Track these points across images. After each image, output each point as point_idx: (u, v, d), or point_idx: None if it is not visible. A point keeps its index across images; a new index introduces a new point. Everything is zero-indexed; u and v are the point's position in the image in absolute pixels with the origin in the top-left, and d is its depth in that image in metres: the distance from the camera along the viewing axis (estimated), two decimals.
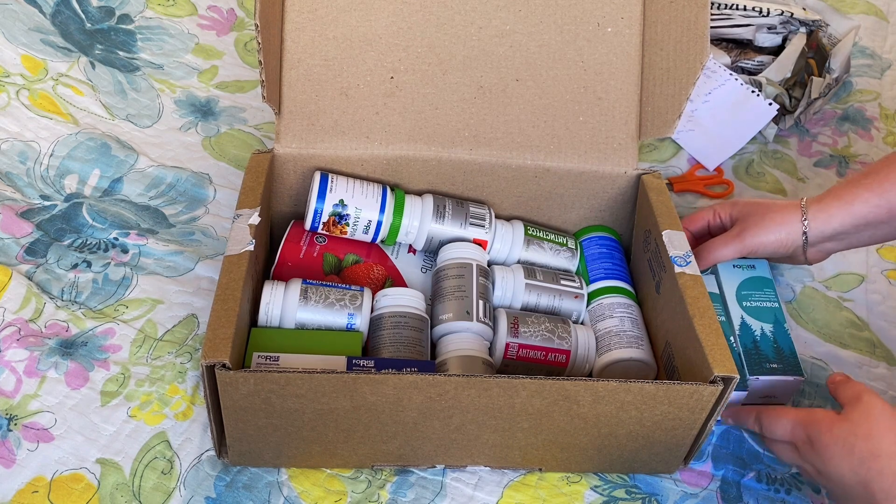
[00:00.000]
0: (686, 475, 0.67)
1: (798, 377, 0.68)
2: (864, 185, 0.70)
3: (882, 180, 0.69)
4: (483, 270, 0.70)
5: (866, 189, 0.69)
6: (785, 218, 0.71)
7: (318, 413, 0.58)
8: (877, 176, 0.69)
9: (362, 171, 0.74)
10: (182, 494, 0.61)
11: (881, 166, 0.70)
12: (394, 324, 0.65)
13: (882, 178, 0.69)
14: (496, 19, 0.72)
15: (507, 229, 0.75)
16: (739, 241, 0.72)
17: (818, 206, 0.71)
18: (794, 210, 0.72)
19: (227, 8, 1.05)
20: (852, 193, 0.70)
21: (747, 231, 0.72)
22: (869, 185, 0.69)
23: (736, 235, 0.72)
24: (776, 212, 0.72)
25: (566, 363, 0.68)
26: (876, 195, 0.69)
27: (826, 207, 0.71)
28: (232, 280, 0.59)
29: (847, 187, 0.71)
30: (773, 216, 0.72)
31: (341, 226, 0.71)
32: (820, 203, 0.71)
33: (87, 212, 0.80)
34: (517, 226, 0.75)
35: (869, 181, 0.70)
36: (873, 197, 0.69)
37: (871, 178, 0.70)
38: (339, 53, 0.71)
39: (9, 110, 0.86)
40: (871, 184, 0.69)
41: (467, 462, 0.64)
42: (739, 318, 0.73)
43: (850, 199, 0.70)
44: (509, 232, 0.74)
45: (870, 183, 0.69)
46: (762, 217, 0.72)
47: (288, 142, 0.72)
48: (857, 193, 0.70)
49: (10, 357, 0.67)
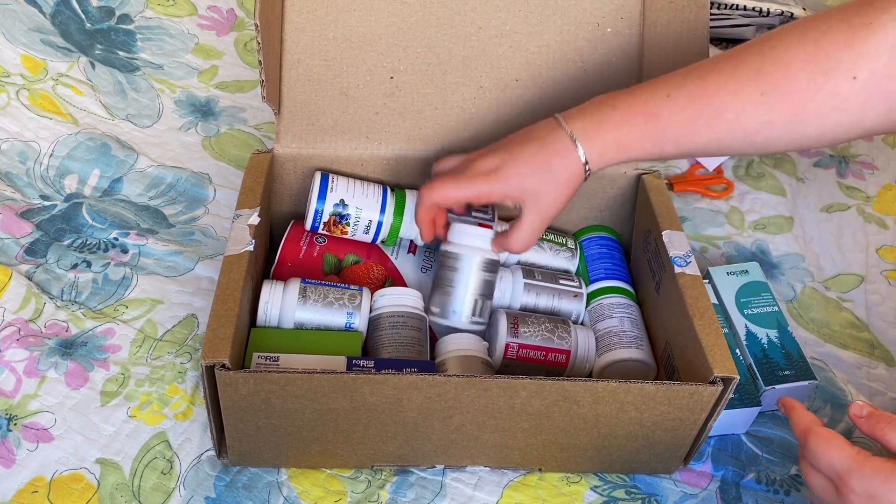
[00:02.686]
0: (686, 476, 0.67)
1: (812, 381, 0.68)
2: (645, 130, 0.59)
3: (662, 128, 0.59)
4: (488, 264, 0.67)
5: (647, 136, 0.59)
6: (571, 182, 0.61)
7: (318, 413, 0.58)
8: (658, 121, 0.59)
9: (362, 171, 0.74)
10: (182, 494, 0.61)
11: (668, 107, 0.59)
12: (392, 324, 0.65)
13: (663, 125, 0.59)
14: (496, 19, 0.72)
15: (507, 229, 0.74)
16: (542, 223, 0.64)
17: (597, 152, 0.60)
18: (575, 168, 0.61)
19: (227, 8, 1.05)
20: (631, 141, 0.60)
21: (546, 209, 0.63)
22: (651, 132, 0.59)
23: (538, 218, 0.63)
24: (560, 181, 0.61)
25: (566, 363, 0.68)
26: (654, 143, 0.60)
27: (604, 154, 0.60)
28: (232, 280, 0.59)
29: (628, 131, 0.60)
30: (560, 184, 0.61)
31: (342, 226, 0.71)
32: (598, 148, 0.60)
33: (87, 212, 0.80)
34: None
35: (650, 125, 0.59)
36: (651, 145, 0.60)
37: (652, 122, 0.59)
38: (339, 53, 0.71)
39: (9, 110, 0.86)
40: (653, 132, 0.59)
41: (467, 462, 0.64)
42: (744, 328, 0.72)
43: (628, 146, 0.60)
44: None
45: (651, 130, 0.59)
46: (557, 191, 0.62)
47: (288, 142, 0.72)
48: (638, 141, 0.60)
49: (10, 357, 0.67)
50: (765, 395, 0.68)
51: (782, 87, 0.56)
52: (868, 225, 0.90)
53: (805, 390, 0.69)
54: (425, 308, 0.68)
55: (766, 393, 0.68)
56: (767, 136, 0.58)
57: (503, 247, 0.66)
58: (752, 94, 0.57)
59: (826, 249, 0.88)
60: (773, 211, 0.91)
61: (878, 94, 0.54)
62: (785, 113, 0.56)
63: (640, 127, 0.60)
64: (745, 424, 0.69)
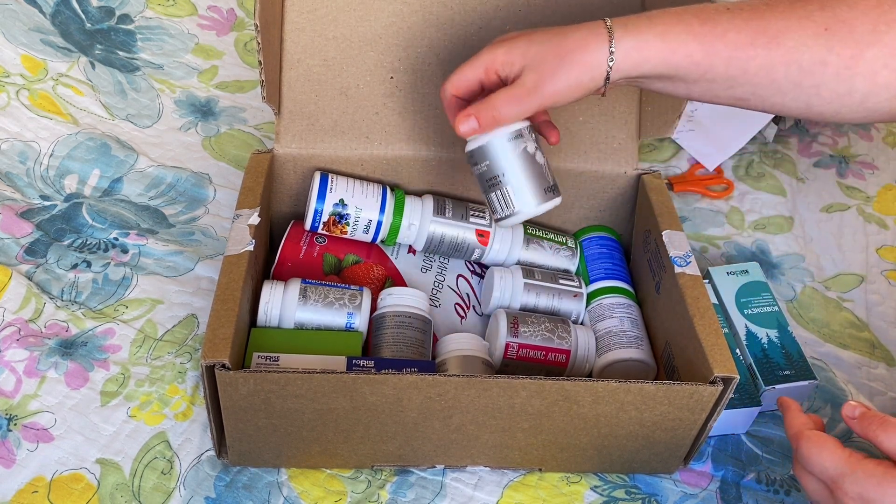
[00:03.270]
0: (686, 475, 0.67)
1: (812, 381, 0.68)
2: (697, 33, 0.55)
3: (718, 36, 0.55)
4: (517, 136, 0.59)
5: (697, 39, 0.55)
6: (589, 60, 0.55)
7: (318, 413, 0.58)
8: (715, 27, 0.55)
9: (362, 171, 0.74)
10: (182, 494, 0.61)
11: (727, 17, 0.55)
12: (397, 323, 0.65)
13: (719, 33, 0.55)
14: (496, 19, 0.72)
15: (507, 229, 0.75)
16: (536, 97, 0.56)
17: (633, 43, 0.55)
18: (598, 46, 0.55)
19: (227, 8, 1.05)
20: (680, 39, 0.55)
21: (543, 83, 0.56)
22: (704, 36, 0.55)
23: (531, 91, 0.56)
24: (577, 52, 0.55)
25: (566, 363, 0.68)
26: (705, 52, 0.55)
27: (642, 48, 0.55)
28: (232, 280, 0.59)
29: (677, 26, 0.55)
30: (575, 58, 0.55)
31: (341, 225, 0.71)
32: (637, 38, 0.55)
33: (87, 212, 0.80)
34: (517, 226, 0.75)
35: (706, 30, 0.55)
36: (700, 53, 0.55)
37: (708, 27, 0.55)
38: (339, 53, 0.71)
39: (9, 110, 0.86)
40: (707, 36, 0.55)
41: (467, 462, 0.64)
42: (744, 328, 0.72)
43: (675, 46, 0.55)
44: (509, 232, 0.74)
45: (706, 34, 0.55)
46: (560, 63, 0.56)
47: (288, 142, 0.72)
48: (685, 42, 0.55)
49: (10, 357, 0.67)
50: (765, 395, 0.68)
51: (846, 27, 0.54)
52: (868, 225, 0.90)
53: (805, 390, 0.69)
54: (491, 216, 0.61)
55: (766, 393, 0.68)
56: (820, 79, 0.55)
57: (478, 111, 0.57)
58: (816, 26, 0.54)
59: (826, 249, 0.88)
60: (773, 211, 0.91)
61: None
62: (844, 55, 0.54)
63: (694, 28, 0.54)
64: (745, 424, 0.69)
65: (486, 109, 0.57)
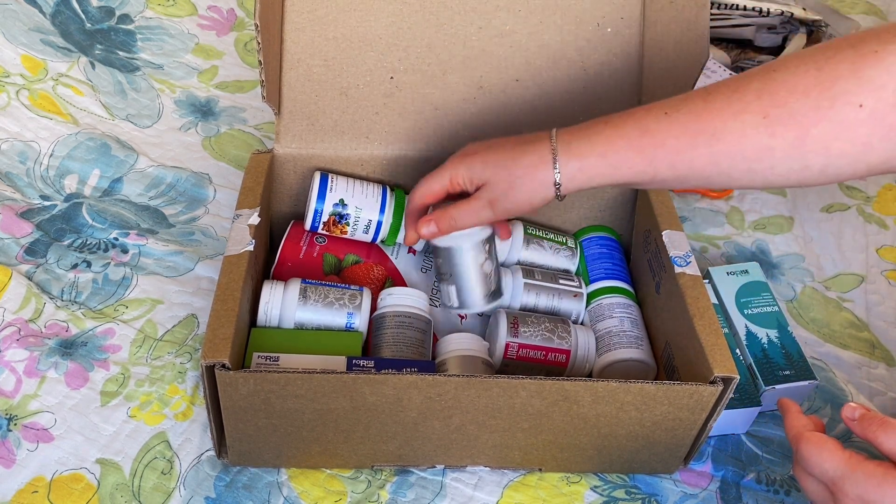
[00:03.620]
0: (686, 476, 0.67)
1: (812, 381, 0.68)
2: (638, 146, 0.56)
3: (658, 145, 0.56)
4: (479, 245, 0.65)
5: (638, 153, 0.56)
6: (537, 185, 0.59)
7: (318, 413, 0.58)
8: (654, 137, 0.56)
9: (362, 171, 0.74)
10: (182, 494, 0.61)
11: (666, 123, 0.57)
12: (398, 323, 0.65)
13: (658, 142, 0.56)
14: (496, 19, 0.72)
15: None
16: (490, 211, 0.61)
17: (577, 165, 0.58)
18: (545, 171, 0.58)
19: (227, 8, 1.05)
20: (621, 156, 0.57)
21: (497, 201, 0.60)
22: (644, 148, 0.56)
23: (486, 205, 0.61)
24: (526, 178, 0.59)
25: (566, 363, 0.68)
26: (647, 162, 0.57)
27: (587, 168, 0.58)
28: (232, 280, 0.59)
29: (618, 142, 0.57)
30: (524, 184, 0.59)
31: (341, 225, 0.71)
32: (580, 160, 0.57)
33: (87, 212, 0.80)
34: (517, 226, 0.75)
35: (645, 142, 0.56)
36: (643, 164, 0.57)
37: (647, 138, 0.56)
38: (339, 53, 0.71)
39: (9, 110, 0.86)
40: (647, 148, 0.56)
41: (467, 462, 0.64)
42: (744, 328, 0.72)
43: (617, 163, 0.57)
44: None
45: (646, 146, 0.56)
46: (510, 186, 0.60)
47: (288, 142, 0.72)
48: (628, 157, 0.57)
49: (10, 357, 0.67)
50: (765, 395, 0.68)
51: (786, 110, 0.53)
52: (868, 225, 0.90)
53: (805, 390, 0.69)
54: (440, 301, 0.67)
55: (766, 393, 0.68)
56: (769, 163, 0.55)
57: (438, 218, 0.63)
58: (754, 116, 0.54)
59: (826, 249, 0.88)
60: (773, 211, 0.91)
61: (884, 126, 0.52)
62: (788, 138, 0.54)
63: (633, 143, 0.57)
64: (745, 424, 0.69)
65: (444, 218, 0.63)
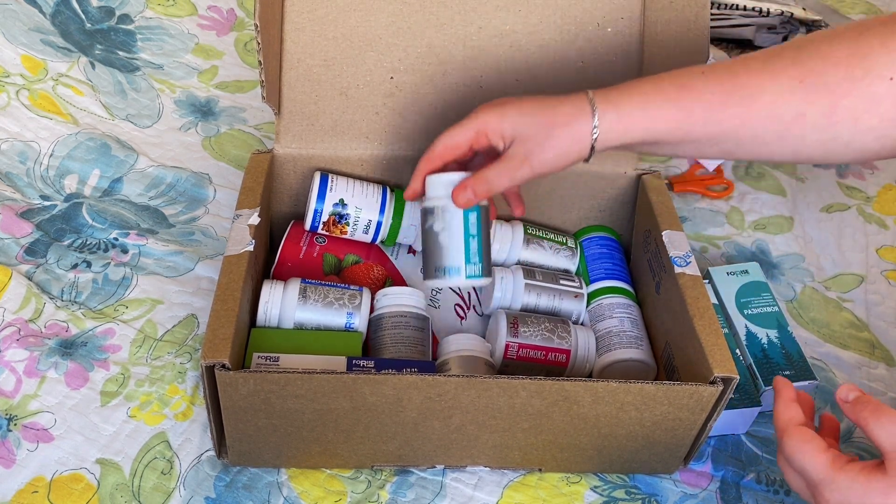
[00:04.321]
0: (686, 476, 0.67)
1: (812, 381, 0.68)
2: (675, 99, 0.57)
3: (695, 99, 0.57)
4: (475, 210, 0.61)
5: (676, 106, 0.57)
6: (575, 134, 0.57)
7: (318, 413, 0.58)
8: (691, 92, 0.57)
9: (362, 171, 0.74)
10: (182, 494, 0.61)
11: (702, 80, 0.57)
12: (395, 323, 0.65)
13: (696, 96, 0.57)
14: (496, 19, 0.72)
15: (507, 229, 0.75)
16: (526, 168, 0.58)
17: (615, 116, 0.57)
18: (583, 121, 0.57)
19: (227, 8, 1.05)
20: (659, 108, 0.57)
21: (533, 155, 0.58)
22: (682, 101, 0.57)
23: (522, 163, 0.58)
24: (564, 126, 0.57)
25: (566, 363, 0.68)
26: (684, 116, 0.57)
27: (624, 118, 0.57)
28: (232, 280, 0.59)
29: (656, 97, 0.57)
30: (562, 133, 0.57)
31: (341, 225, 0.71)
32: (618, 110, 0.57)
33: (87, 212, 0.80)
34: (517, 226, 0.75)
35: (683, 95, 0.57)
36: (679, 118, 0.57)
37: (685, 92, 0.57)
38: (339, 53, 0.71)
39: (9, 110, 0.86)
40: (684, 101, 0.56)
41: (467, 462, 0.64)
42: (744, 328, 0.72)
43: (655, 115, 0.57)
44: (509, 232, 0.74)
45: (683, 98, 0.57)
46: (548, 136, 0.58)
47: (288, 142, 0.72)
48: (665, 110, 0.57)
49: (10, 357, 0.67)
50: (765, 395, 0.68)
51: (820, 77, 0.55)
52: (868, 225, 0.91)
53: (805, 390, 0.69)
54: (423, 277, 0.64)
55: (766, 393, 0.68)
56: (800, 131, 0.56)
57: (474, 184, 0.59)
58: (791, 80, 0.55)
59: (826, 249, 0.88)
60: (773, 211, 0.91)
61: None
62: (821, 106, 0.55)
63: (670, 96, 0.57)
64: (745, 424, 0.69)
65: (480, 182, 0.59)
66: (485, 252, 0.62)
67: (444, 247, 0.61)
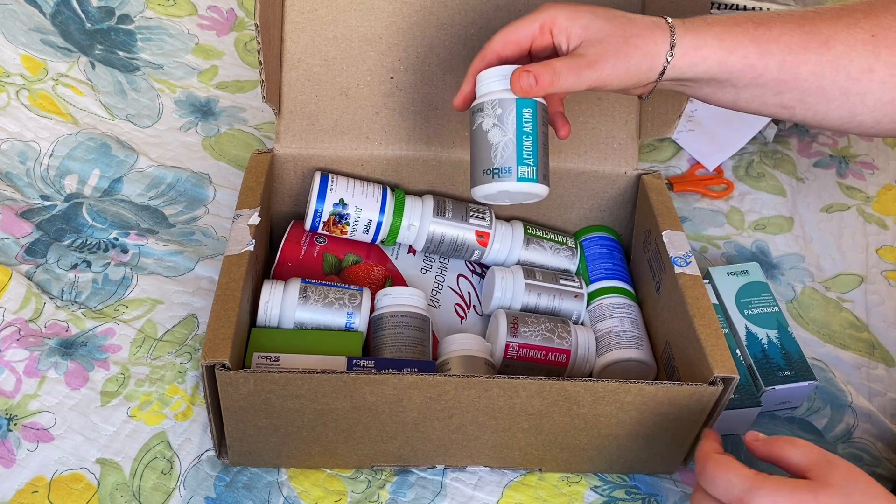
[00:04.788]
0: (686, 476, 0.67)
1: (812, 381, 0.68)
2: (754, 36, 0.56)
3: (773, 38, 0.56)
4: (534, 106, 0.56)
5: (753, 42, 0.55)
6: (651, 49, 0.55)
7: (318, 413, 0.58)
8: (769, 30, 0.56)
9: (362, 171, 0.74)
10: (182, 494, 0.61)
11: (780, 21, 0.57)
12: (395, 323, 0.65)
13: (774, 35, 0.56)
14: (496, 19, 0.72)
15: (507, 229, 0.75)
16: (594, 71, 0.54)
17: (692, 41, 0.55)
18: (661, 38, 0.55)
19: (227, 8, 1.05)
20: (737, 41, 0.55)
21: (602, 61, 0.54)
22: (759, 38, 0.56)
23: (591, 63, 0.54)
24: (639, 37, 0.55)
25: (566, 363, 0.68)
26: (760, 53, 0.56)
27: (701, 46, 0.55)
28: (232, 280, 0.59)
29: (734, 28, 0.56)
30: (638, 44, 0.55)
31: (341, 225, 0.71)
32: (696, 37, 0.55)
33: (87, 212, 0.80)
34: (517, 226, 0.75)
35: (761, 33, 0.56)
36: (755, 54, 0.56)
37: (762, 30, 0.56)
38: (339, 53, 0.71)
39: (9, 110, 0.86)
40: (762, 39, 0.56)
41: (467, 462, 0.64)
42: (744, 328, 0.72)
43: (733, 47, 0.55)
44: (509, 232, 0.74)
45: (761, 37, 0.56)
46: (623, 44, 0.55)
47: (288, 142, 0.72)
48: (742, 44, 0.55)
49: (10, 357, 0.67)
50: (765, 395, 0.68)
51: (892, 33, 0.55)
52: (868, 225, 0.91)
53: (805, 391, 0.69)
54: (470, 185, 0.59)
55: (766, 393, 0.68)
56: (866, 86, 0.56)
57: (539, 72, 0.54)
58: (863, 32, 0.55)
59: (826, 249, 0.88)
60: (773, 211, 0.91)
61: None
62: (889, 63, 0.55)
63: (749, 32, 0.55)
64: (745, 424, 0.69)
65: (546, 71, 0.54)
66: (541, 156, 0.57)
67: (493, 145, 0.56)
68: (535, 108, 0.56)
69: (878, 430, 0.71)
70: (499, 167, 0.56)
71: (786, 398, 0.70)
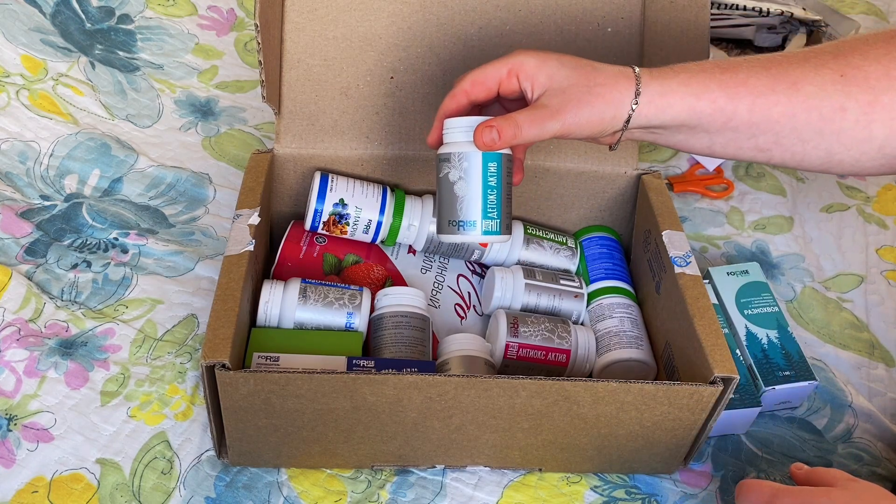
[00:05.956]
0: (686, 476, 0.67)
1: (812, 381, 0.68)
2: (720, 80, 0.55)
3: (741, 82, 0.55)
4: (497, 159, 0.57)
5: (721, 86, 0.55)
6: (615, 97, 0.55)
7: (318, 413, 0.58)
8: (736, 74, 0.56)
9: (362, 171, 0.74)
10: (182, 494, 0.61)
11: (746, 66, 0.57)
12: (395, 323, 0.65)
13: (741, 79, 0.56)
14: (496, 19, 0.72)
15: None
16: (556, 121, 0.54)
17: (658, 88, 0.55)
18: (626, 86, 0.55)
19: (227, 8, 1.05)
20: (704, 86, 0.55)
21: (565, 111, 0.54)
22: (727, 83, 0.55)
23: (553, 114, 0.54)
24: (603, 87, 0.55)
25: (566, 363, 0.68)
26: (728, 97, 0.55)
27: (667, 93, 0.55)
28: (232, 280, 0.59)
29: (700, 74, 0.56)
30: (602, 93, 0.55)
31: (341, 225, 0.71)
32: (662, 84, 0.55)
33: (87, 212, 0.80)
34: (517, 226, 0.75)
35: (727, 77, 0.55)
36: (724, 98, 0.55)
37: (729, 74, 0.55)
38: (339, 53, 0.71)
39: (9, 110, 0.86)
40: (730, 83, 0.55)
41: (467, 462, 0.64)
42: (744, 328, 0.72)
43: (699, 92, 0.55)
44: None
45: (728, 81, 0.55)
46: (585, 93, 0.55)
47: (288, 142, 0.72)
48: (710, 88, 0.55)
49: (10, 357, 0.67)
50: (765, 395, 0.68)
51: (861, 73, 0.55)
52: (868, 225, 0.90)
53: (805, 391, 0.69)
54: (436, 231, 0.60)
55: (766, 393, 0.68)
56: (840, 125, 0.56)
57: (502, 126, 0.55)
58: (832, 73, 0.55)
59: (826, 249, 0.88)
60: (773, 211, 0.91)
61: None
62: (861, 101, 0.55)
63: (715, 77, 0.55)
64: (745, 425, 0.69)
65: (508, 125, 0.55)
66: (504, 207, 0.58)
67: (459, 197, 0.57)
68: (500, 161, 0.57)
69: (878, 430, 0.71)
70: (463, 220, 0.58)
71: (786, 398, 0.70)
